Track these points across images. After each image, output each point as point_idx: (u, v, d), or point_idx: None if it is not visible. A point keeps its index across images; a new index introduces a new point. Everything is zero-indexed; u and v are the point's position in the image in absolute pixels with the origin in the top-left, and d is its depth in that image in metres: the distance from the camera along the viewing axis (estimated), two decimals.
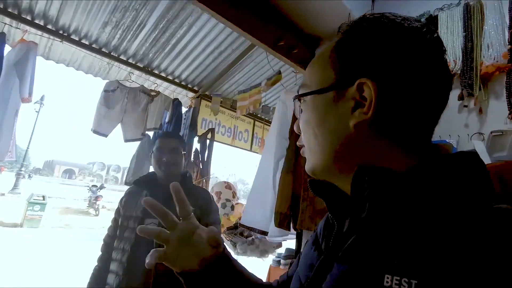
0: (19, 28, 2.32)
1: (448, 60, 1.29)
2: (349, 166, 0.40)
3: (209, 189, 2.83)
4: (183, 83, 3.34)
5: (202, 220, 1.39)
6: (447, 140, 1.24)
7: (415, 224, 0.33)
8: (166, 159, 1.40)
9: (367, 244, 0.35)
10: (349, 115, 0.40)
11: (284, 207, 1.56)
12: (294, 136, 1.66)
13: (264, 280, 0.62)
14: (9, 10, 2.23)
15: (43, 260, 5.62)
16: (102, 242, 1.47)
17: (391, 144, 0.40)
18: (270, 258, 3.15)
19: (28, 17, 2.32)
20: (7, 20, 2.27)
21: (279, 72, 2.56)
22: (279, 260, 4.35)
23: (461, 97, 1.28)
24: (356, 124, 0.39)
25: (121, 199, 1.48)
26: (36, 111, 15.59)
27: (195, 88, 3.44)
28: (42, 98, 15.65)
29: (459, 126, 1.27)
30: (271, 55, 1.74)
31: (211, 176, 3.01)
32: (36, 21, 2.36)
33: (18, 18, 2.27)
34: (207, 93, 3.48)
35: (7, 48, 2.18)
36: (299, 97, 0.46)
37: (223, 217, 2.38)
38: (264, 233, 1.58)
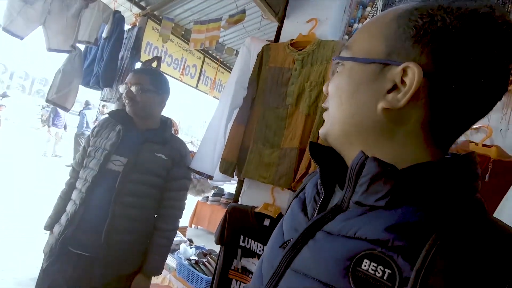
0: None
1: None
2: (362, 144, 0.40)
3: None
4: None
5: (172, 171, 1.37)
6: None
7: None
8: (127, 95, 1.31)
9: (352, 225, 0.36)
10: (381, 96, 0.38)
11: (232, 156, 1.60)
12: (252, 87, 1.63)
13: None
14: None
15: None
16: (71, 168, 1.44)
17: (416, 137, 0.38)
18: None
19: None
20: None
21: (244, 11, 2.37)
22: (208, 197, 4.62)
23: None
24: (385, 108, 0.37)
25: (93, 129, 1.42)
26: None
27: (142, 3, 2.95)
28: None
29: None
30: None
31: None
32: None
33: None
34: (155, 13, 3.03)
35: None
36: (339, 60, 0.43)
37: None
38: (211, 177, 1.62)
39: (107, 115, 1.41)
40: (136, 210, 1.28)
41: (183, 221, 1.91)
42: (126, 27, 2.91)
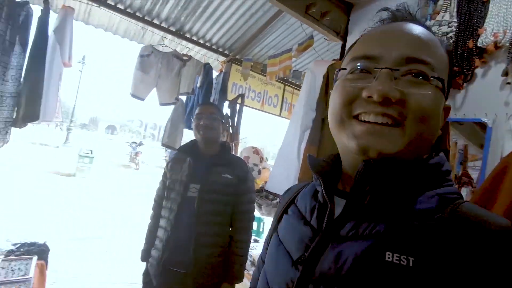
0: None
1: (497, 30, 1.18)
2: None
3: (238, 154, 2.97)
4: (214, 46, 3.34)
5: (239, 187, 1.52)
6: (482, 119, 1.18)
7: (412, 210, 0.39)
8: (204, 123, 1.54)
9: (366, 227, 0.40)
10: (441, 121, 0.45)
11: (308, 177, 1.64)
12: (320, 108, 1.66)
13: None
14: None
15: (91, 206, 6.43)
16: (153, 202, 1.69)
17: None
18: None
19: None
20: None
21: (311, 37, 2.46)
22: None
23: (506, 73, 1.18)
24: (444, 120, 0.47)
25: (167, 164, 1.67)
26: (80, 71, 16.50)
27: (226, 52, 3.43)
28: (83, 58, 16.43)
29: (499, 104, 1.20)
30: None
31: (241, 141, 3.13)
32: None
33: None
34: (238, 57, 3.46)
35: (52, 16, 2.32)
36: (430, 77, 0.41)
37: None
38: None
39: (177, 151, 1.68)
40: (215, 227, 1.46)
41: None
42: (215, 74, 3.43)
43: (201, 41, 3.24)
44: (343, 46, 1.72)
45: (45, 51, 2.20)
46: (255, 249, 2.66)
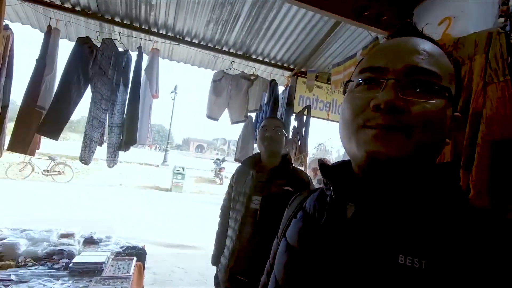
0: (149, 40, 2.94)
1: None
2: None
3: (307, 165, 2.94)
4: (279, 63, 3.47)
5: None
6: None
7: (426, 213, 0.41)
8: (269, 135, 1.61)
9: (381, 229, 0.41)
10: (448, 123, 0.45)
11: None
12: None
13: None
14: (143, 27, 2.86)
15: (186, 216, 7.22)
16: (220, 211, 1.84)
17: None
18: None
19: (154, 29, 2.90)
20: (142, 35, 2.93)
21: (376, 38, 2.31)
22: None
23: None
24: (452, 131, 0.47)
25: (233, 176, 1.79)
26: (172, 99, 19.14)
27: (291, 66, 3.51)
28: (175, 88, 19.02)
29: None
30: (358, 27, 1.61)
31: (309, 153, 3.10)
32: (161, 31, 2.94)
33: (148, 32, 2.88)
34: (303, 69, 3.49)
35: (144, 58, 2.84)
36: (435, 87, 0.43)
37: None
38: None
39: (241, 164, 1.75)
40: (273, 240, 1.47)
41: None
42: (281, 89, 3.54)
43: (267, 60, 3.41)
44: None
45: (139, 87, 2.69)
46: None
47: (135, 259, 2.23)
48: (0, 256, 1.93)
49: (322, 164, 0.52)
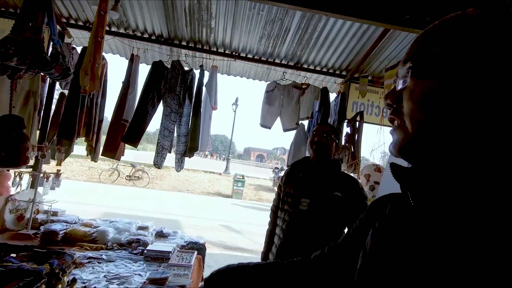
0: (209, 59, 3.32)
1: None
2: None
3: (360, 171, 2.89)
4: (330, 70, 3.51)
5: (350, 206, 1.54)
6: None
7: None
8: (318, 139, 1.66)
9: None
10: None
11: None
12: None
13: None
14: (204, 47, 3.25)
15: (245, 220, 7.54)
16: (270, 211, 1.93)
17: None
18: None
19: (214, 49, 3.27)
20: (204, 54, 3.33)
21: None
22: None
23: None
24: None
25: (282, 178, 1.86)
26: (234, 111, 20.20)
27: (343, 73, 3.51)
28: (236, 100, 20.05)
29: None
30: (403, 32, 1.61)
31: (362, 159, 3.04)
32: (219, 50, 3.29)
33: (208, 51, 3.26)
34: (356, 75, 3.46)
35: (206, 74, 3.22)
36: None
37: (371, 199, 2.41)
38: None
39: (290, 166, 1.84)
40: (323, 241, 1.51)
41: None
42: (334, 96, 3.55)
43: (318, 68, 3.49)
44: None
45: (201, 101, 3.05)
46: None
47: (196, 252, 2.51)
48: (95, 240, 2.41)
49: (394, 165, 0.46)
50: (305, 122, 3.52)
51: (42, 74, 1.77)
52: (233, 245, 5.52)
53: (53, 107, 2.88)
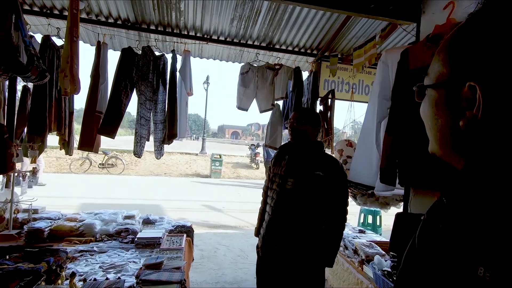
0: (181, 42, 3.25)
1: None
2: (453, 159, 0.44)
3: (334, 147, 3.09)
4: (302, 50, 3.58)
5: (331, 184, 1.70)
6: None
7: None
8: (291, 126, 1.80)
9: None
10: (459, 114, 0.40)
11: (390, 166, 1.67)
12: (397, 96, 1.66)
13: None
14: (174, 31, 3.16)
15: (226, 198, 7.74)
16: (262, 191, 2.07)
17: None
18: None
19: (184, 32, 3.19)
20: (174, 38, 3.24)
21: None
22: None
23: None
24: (465, 124, 0.40)
25: (271, 160, 2.00)
26: (205, 89, 19.77)
27: (314, 52, 3.60)
28: (207, 78, 19.57)
29: None
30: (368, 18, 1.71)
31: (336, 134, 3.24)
32: (190, 33, 3.22)
33: (179, 35, 3.18)
34: (326, 54, 3.57)
35: (178, 59, 3.16)
36: (420, 86, 0.47)
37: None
38: (370, 188, 1.76)
39: (278, 149, 1.97)
40: (307, 217, 1.70)
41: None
42: (306, 75, 3.66)
43: (290, 48, 3.54)
44: (418, 26, 1.64)
45: (176, 87, 3.03)
46: (358, 239, 2.74)
47: (185, 235, 2.63)
48: (83, 234, 2.44)
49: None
50: (280, 102, 3.62)
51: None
52: (216, 223, 5.71)
53: (17, 102, 2.72)
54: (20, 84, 2.90)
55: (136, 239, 2.38)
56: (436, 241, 0.42)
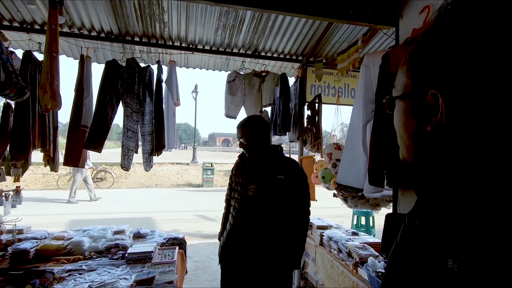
0: (166, 53, 3.24)
1: None
2: (422, 162, 0.47)
3: (323, 150, 3.12)
4: (287, 56, 3.62)
5: (292, 186, 1.72)
6: None
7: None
8: (241, 145, 1.81)
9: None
10: (425, 120, 0.43)
11: (377, 167, 1.69)
12: (381, 100, 1.69)
13: None
14: (159, 42, 3.15)
15: (219, 207, 7.66)
16: (224, 198, 2.07)
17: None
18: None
19: (169, 43, 3.19)
20: (159, 49, 3.23)
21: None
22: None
23: None
24: (431, 129, 0.42)
25: (232, 169, 2.00)
26: (194, 98, 19.72)
27: (300, 58, 3.65)
28: (196, 87, 19.55)
29: None
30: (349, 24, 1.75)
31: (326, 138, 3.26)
32: (175, 44, 3.22)
33: (164, 46, 3.17)
34: (311, 59, 3.62)
35: (164, 69, 3.14)
36: (389, 99, 0.51)
37: (335, 175, 2.65)
38: (359, 190, 1.77)
39: (239, 158, 1.94)
40: (267, 221, 1.69)
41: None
42: (292, 81, 3.70)
43: (275, 55, 3.58)
44: (397, 30, 1.69)
45: (162, 98, 3.01)
46: (352, 241, 2.74)
47: (177, 247, 2.59)
48: (71, 252, 2.37)
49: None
50: (268, 109, 3.64)
51: None
52: (209, 233, 5.64)
53: None
54: (1, 101, 2.83)
55: (126, 254, 2.32)
56: (412, 238, 0.46)
